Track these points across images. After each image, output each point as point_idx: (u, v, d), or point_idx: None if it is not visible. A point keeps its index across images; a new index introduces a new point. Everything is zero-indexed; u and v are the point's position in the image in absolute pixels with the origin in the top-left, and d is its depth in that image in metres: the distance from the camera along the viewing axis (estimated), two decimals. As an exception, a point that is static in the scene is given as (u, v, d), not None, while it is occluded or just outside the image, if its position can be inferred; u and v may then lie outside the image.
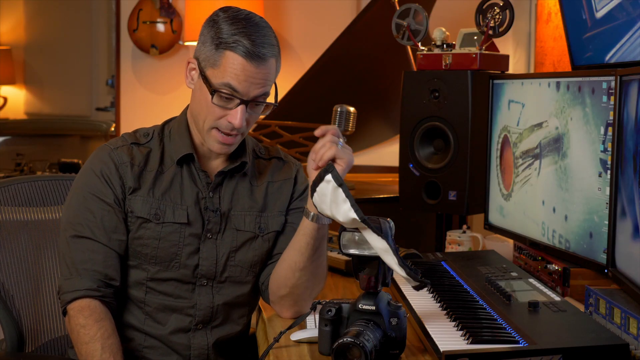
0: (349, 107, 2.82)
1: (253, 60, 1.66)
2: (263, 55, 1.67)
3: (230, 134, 1.72)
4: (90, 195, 1.75)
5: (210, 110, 1.70)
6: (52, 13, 4.94)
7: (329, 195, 1.48)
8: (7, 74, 4.89)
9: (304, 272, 1.72)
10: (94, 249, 1.72)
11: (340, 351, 1.40)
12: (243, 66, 1.66)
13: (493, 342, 1.46)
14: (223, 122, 1.71)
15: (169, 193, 1.78)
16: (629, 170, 1.60)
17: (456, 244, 2.46)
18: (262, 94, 1.71)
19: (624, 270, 1.64)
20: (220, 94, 1.68)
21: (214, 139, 1.74)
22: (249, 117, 1.73)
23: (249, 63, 1.66)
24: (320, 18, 4.60)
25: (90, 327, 1.67)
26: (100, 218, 1.74)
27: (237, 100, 1.68)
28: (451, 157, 2.56)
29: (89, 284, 1.71)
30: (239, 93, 1.68)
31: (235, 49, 1.66)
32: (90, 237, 1.73)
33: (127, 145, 1.80)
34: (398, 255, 1.45)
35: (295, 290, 1.76)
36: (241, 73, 1.66)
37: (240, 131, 1.73)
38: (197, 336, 1.80)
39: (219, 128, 1.72)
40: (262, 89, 1.70)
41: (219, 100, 1.69)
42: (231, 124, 1.70)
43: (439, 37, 2.62)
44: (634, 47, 2.10)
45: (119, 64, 4.72)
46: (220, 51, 1.67)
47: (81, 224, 1.74)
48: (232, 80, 1.67)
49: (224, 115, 1.70)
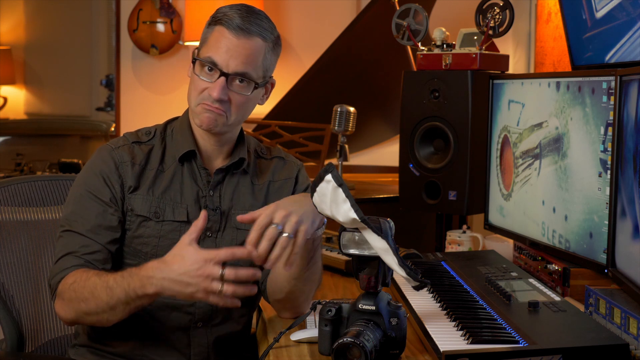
0: (349, 107, 2.84)
1: (235, 31, 1.71)
2: (247, 29, 1.71)
3: (213, 106, 1.73)
4: (87, 193, 1.76)
5: (196, 84, 1.74)
6: (52, 13, 4.94)
7: (329, 195, 1.48)
8: (7, 74, 4.89)
9: (299, 280, 1.73)
10: (84, 243, 1.72)
11: (340, 351, 1.40)
12: (225, 37, 1.71)
13: (493, 342, 1.46)
14: (205, 95, 1.73)
15: (168, 191, 1.78)
16: (629, 170, 1.60)
17: (456, 244, 2.46)
18: (244, 71, 1.72)
19: (624, 270, 1.64)
20: (201, 64, 1.72)
21: (200, 111, 1.75)
22: (233, 96, 1.74)
23: (231, 33, 1.71)
24: (320, 18, 4.60)
25: (80, 276, 1.65)
26: (94, 216, 1.74)
27: (218, 73, 1.71)
28: (451, 157, 2.56)
29: (75, 261, 1.70)
30: (219, 65, 1.71)
31: (222, 22, 1.72)
32: (81, 233, 1.73)
33: (128, 145, 1.81)
34: (398, 255, 1.45)
35: (291, 296, 1.77)
36: (223, 45, 1.71)
37: (224, 107, 1.74)
38: (197, 334, 1.80)
39: (202, 102, 1.74)
40: (243, 66, 1.72)
41: (200, 72, 1.73)
42: (211, 96, 1.72)
43: (439, 37, 2.62)
44: (634, 47, 2.10)
45: (119, 64, 4.72)
46: (211, 27, 1.75)
47: (76, 221, 1.74)
48: (214, 53, 1.71)
49: (206, 88, 1.73)
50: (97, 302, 1.62)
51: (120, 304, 1.61)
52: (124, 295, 1.59)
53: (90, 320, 1.69)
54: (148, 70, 4.71)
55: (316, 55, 3.81)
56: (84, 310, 1.65)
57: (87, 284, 1.64)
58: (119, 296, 1.60)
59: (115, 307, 1.61)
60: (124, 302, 1.60)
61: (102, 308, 1.62)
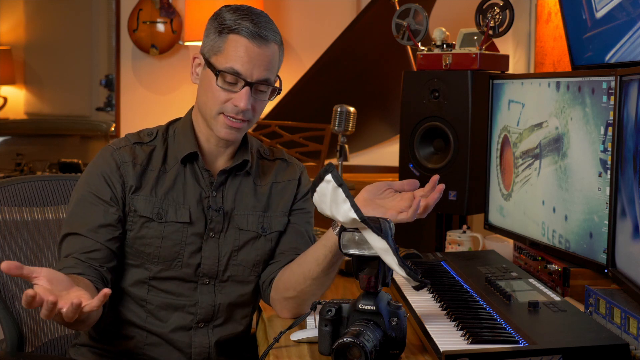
0: (349, 107, 2.83)
1: (256, 40, 1.70)
2: (265, 36, 1.71)
3: (237, 117, 1.73)
4: (88, 194, 1.76)
5: (216, 95, 1.73)
6: (52, 13, 4.94)
7: (329, 195, 1.48)
8: (7, 74, 4.89)
9: (315, 281, 1.73)
10: (83, 243, 1.72)
11: (340, 351, 1.40)
12: (246, 47, 1.70)
13: (493, 342, 1.46)
14: (229, 106, 1.72)
15: (171, 192, 1.78)
16: (629, 170, 1.60)
17: (456, 244, 2.46)
18: (266, 78, 1.73)
19: (624, 270, 1.64)
20: (224, 76, 1.71)
21: (221, 124, 1.75)
22: (255, 103, 1.74)
23: (252, 43, 1.70)
24: (320, 18, 4.60)
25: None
26: (94, 215, 1.74)
27: (242, 83, 1.71)
28: (451, 157, 2.56)
29: (73, 262, 1.69)
30: (243, 75, 1.70)
31: (238, 32, 1.70)
32: (81, 234, 1.73)
33: (130, 145, 1.81)
34: (398, 255, 1.45)
35: (301, 295, 1.77)
36: (244, 54, 1.70)
37: (247, 116, 1.74)
38: (199, 334, 1.80)
39: (225, 113, 1.73)
40: (266, 72, 1.72)
41: (223, 83, 1.72)
42: (237, 107, 1.71)
43: (439, 37, 2.62)
44: (634, 47, 2.10)
45: (119, 64, 4.72)
46: (223, 36, 1.72)
47: (76, 222, 1.74)
48: (235, 63, 1.70)
49: (229, 99, 1.72)
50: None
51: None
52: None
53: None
54: (148, 70, 4.71)
55: (316, 55, 3.81)
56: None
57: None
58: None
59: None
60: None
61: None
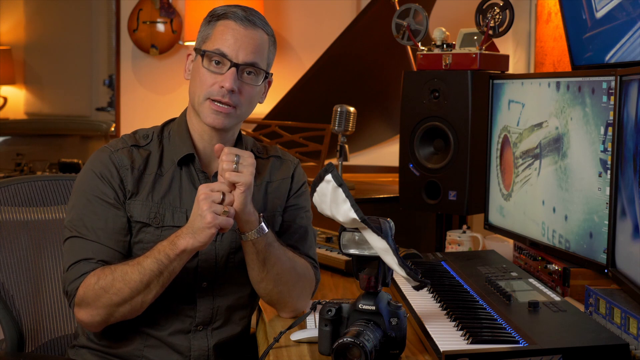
0: (349, 107, 2.83)
1: (243, 22, 1.73)
2: (253, 21, 1.74)
3: (222, 101, 1.72)
4: (94, 198, 1.74)
5: (203, 79, 1.73)
6: (52, 13, 4.94)
7: (329, 195, 1.48)
8: (7, 74, 4.89)
9: (265, 282, 1.74)
10: (97, 249, 1.72)
11: (340, 351, 1.40)
12: (233, 29, 1.72)
13: (493, 342, 1.46)
14: (215, 89, 1.72)
15: (167, 196, 1.77)
16: (629, 170, 1.60)
17: (456, 244, 2.46)
18: (253, 62, 1.73)
19: (624, 270, 1.64)
20: (210, 57, 1.72)
21: (208, 110, 1.74)
22: (242, 87, 1.73)
23: (239, 25, 1.72)
24: (320, 18, 4.60)
25: (103, 272, 1.66)
26: (104, 220, 1.73)
27: (228, 64, 1.71)
28: (451, 157, 2.56)
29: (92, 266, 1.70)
30: (229, 56, 1.71)
31: (226, 17, 1.74)
32: (92, 239, 1.72)
33: (127, 148, 1.79)
34: (398, 255, 1.45)
35: (271, 298, 1.79)
36: (231, 37, 1.72)
37: (234, 101, 1.73)
38: (198, 337, 1.80)
39: (211, 97, 1.73)
40: (252, 55, 1.73)
41: (209, 65, 1.73)
42: (222, 89, 1.71)
43: (439, 37, 2.63)
44: (634, 47, 2.10)
45: (119, 64, 4.72)
46: (212, 24, 1.75)
47: (85, 227, 1.73)
48: (221, 44, 1.72)
49: (216, 82, 1.72)
50: (130, 285, 1.64)
51: (153, 277, 1.63)
52: (155, 264, 1.63)
53: (122, 313, 1.68)
54: (148, 70, 4.72)
55: (316, 55, 3.81)
56: (115, 301, 1.65)
57: (115, 275, 1.65)
58: (151, 268, 1.63)
59: (149, 282, 1.64)
60: (156, 273, 1.63)
61: (136, 289, 1.64)
